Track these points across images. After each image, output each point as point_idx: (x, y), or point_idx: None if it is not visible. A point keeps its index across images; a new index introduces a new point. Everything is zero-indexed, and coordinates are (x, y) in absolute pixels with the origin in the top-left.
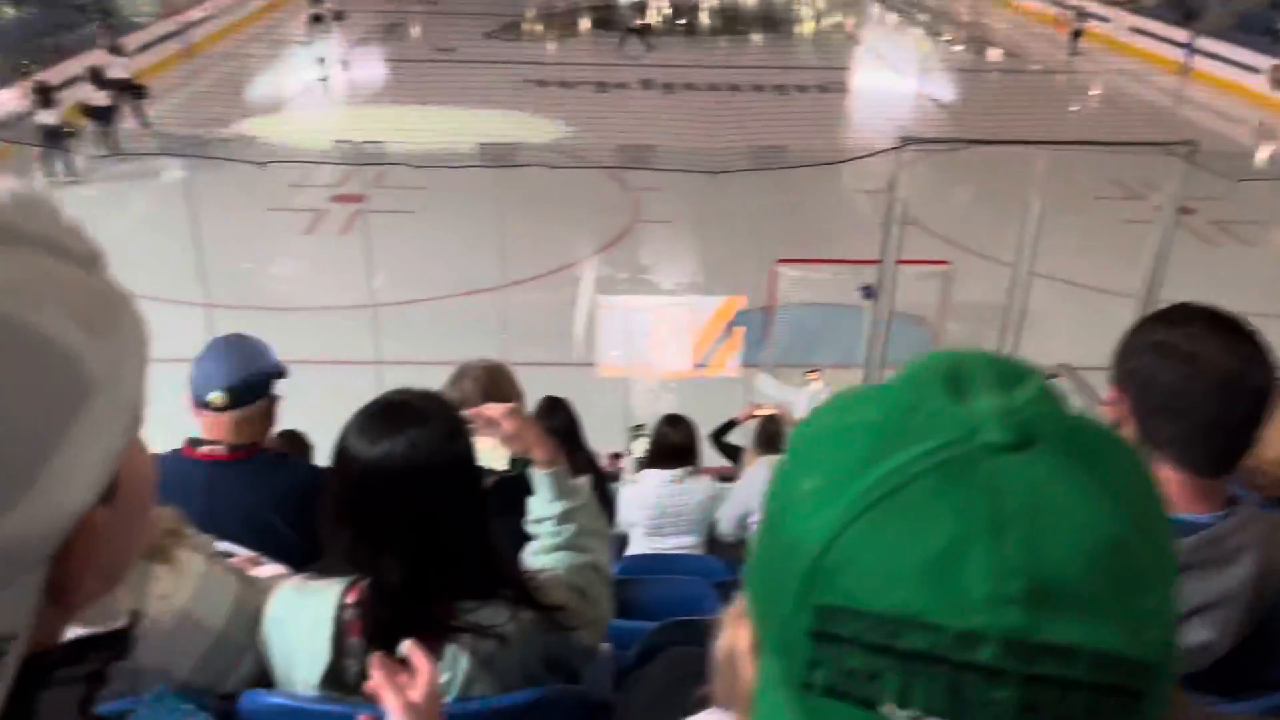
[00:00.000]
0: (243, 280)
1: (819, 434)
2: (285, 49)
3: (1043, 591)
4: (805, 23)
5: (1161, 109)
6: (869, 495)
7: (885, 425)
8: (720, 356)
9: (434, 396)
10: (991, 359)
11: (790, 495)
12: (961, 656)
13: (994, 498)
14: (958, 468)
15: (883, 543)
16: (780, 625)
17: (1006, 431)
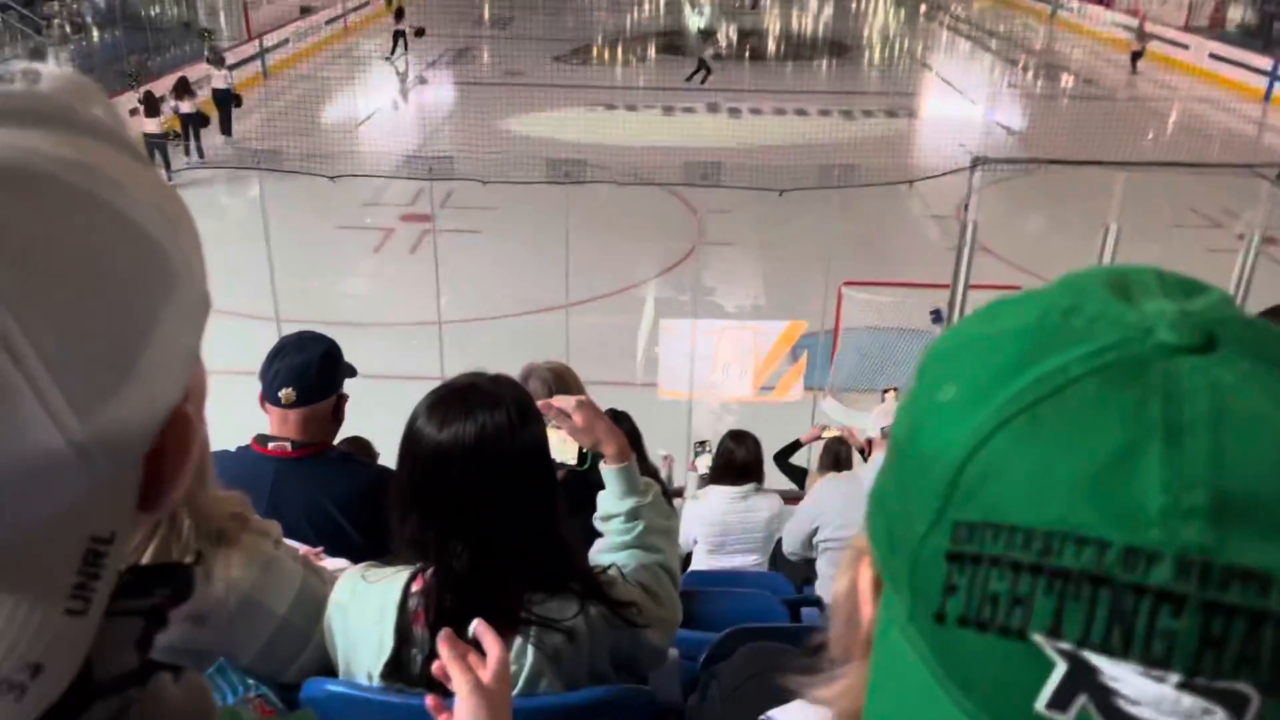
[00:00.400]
0: (312, 296)
1: (959, 343)
2: (361, 70)
3: (1231, 506)
4: (872, 48)
5: (1243, 136)
6: (1021, 399)
7: (1039, 329)
8: (784, 380)
9: (506, 381)
10: (1161, 270)
11: (925, 407)
12: (1130, 577)
13: (1171, 402)
14: (1127, 369)
15: (1037, 450)
16: (912, 551)
17: (1185, 332)
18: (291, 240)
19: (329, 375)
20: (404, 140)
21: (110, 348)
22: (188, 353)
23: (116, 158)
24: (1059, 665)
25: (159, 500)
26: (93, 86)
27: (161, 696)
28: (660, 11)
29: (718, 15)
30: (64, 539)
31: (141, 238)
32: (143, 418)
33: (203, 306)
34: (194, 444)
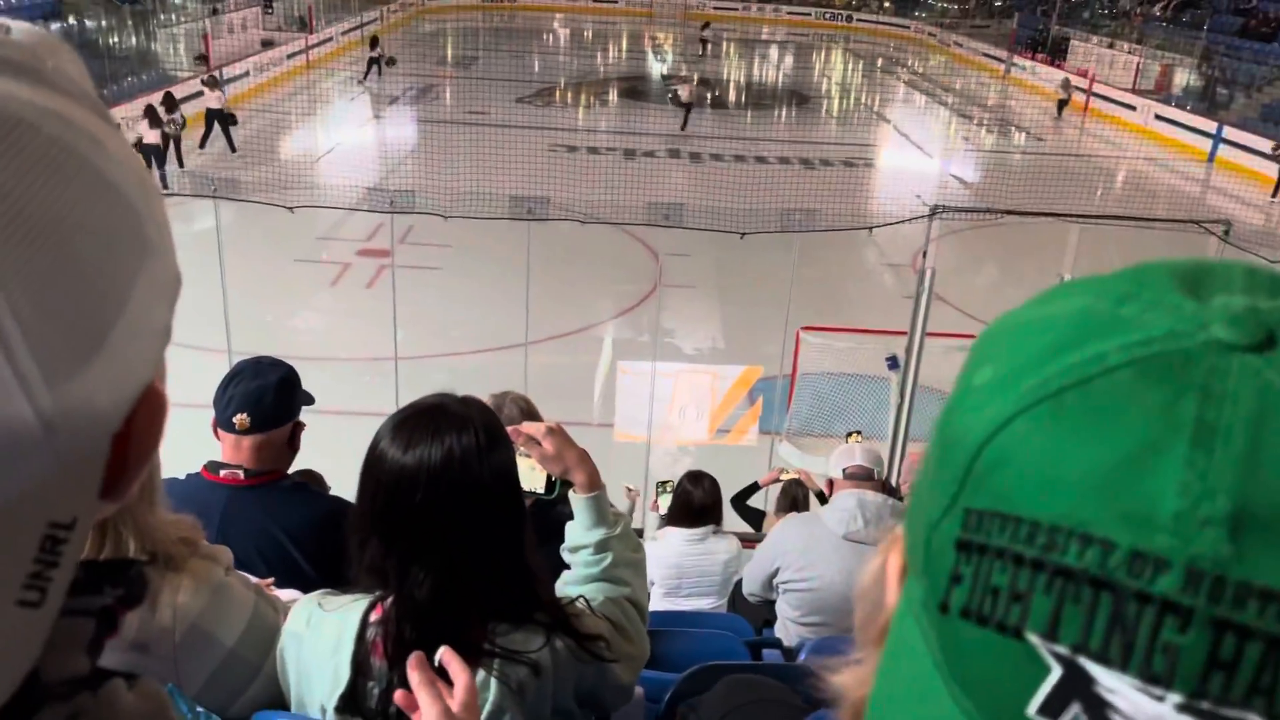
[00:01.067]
0: (266, 329)
1: (1008, 325)
2: (322, 104)
3: (1256, 519)
4: (831, 99)
5: (1188, 194)
6: (1048, 385)
7: (1087, 314)
8: (740, 424)
9: (475, 403)
10: (1254, 268)
11: (961, 390)
12: (1133, 582)
13: (1209, 401)
14: (1169, 362)
15: (1054, 439)
16: (926, 536)
17: (1243, 328)
18: (246, 272)
19: (285, 402)
20: (364, 174)
21: (84, 314)
22: (161, 329)
23: (91, 116)
24: (1054, 670)
25: (122, 486)
26: (65, 45)
27: (116, 704)
28: (623, 56)
29: (679, 62)
30: (21, 523)
31: (119, 201)
32: (113, 393)
33: (175, 283)
34: (164, 424)
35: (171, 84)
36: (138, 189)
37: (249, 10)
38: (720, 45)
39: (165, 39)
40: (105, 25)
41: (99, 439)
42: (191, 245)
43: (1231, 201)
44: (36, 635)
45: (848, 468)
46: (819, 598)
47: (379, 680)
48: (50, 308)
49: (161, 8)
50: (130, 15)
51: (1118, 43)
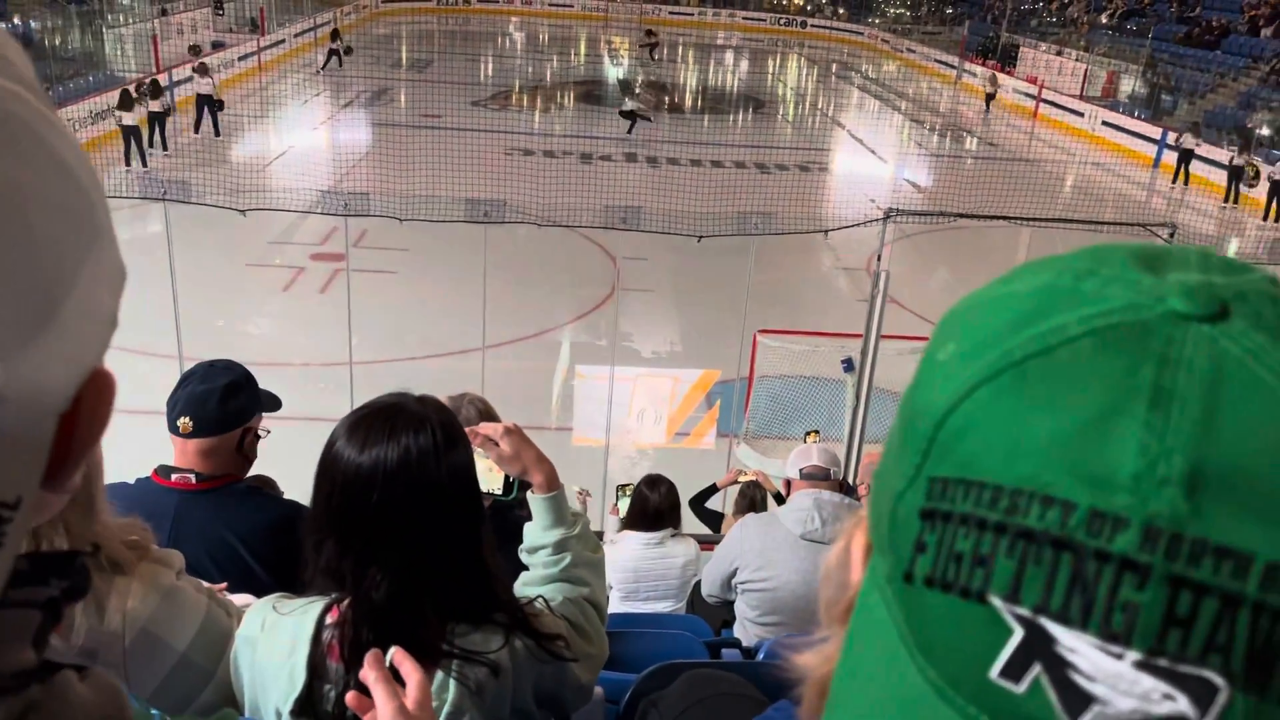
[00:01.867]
0: (217, 334)
1: (971, 304)
2: (274, 107)
3: (1211, 478)
4: (786, 104)
5: (1134, 199)
6: (1010, 355)
7: (1049, 290)
8: (699, 428)
9: (432, 402)
10: (1208, 251)
11: (924, 367)
12: (1093, 542)
13: (1166, 367)
14: (1128, 332)
15: (1016, 406)
16: (890, 508)
17: (1199, 301)
18: (197, 277)
19: (232, 407)
20: (318, 178)
21: (36, 286)
22: (108, 317)
23: (37, 98)
24: (1016, 631)
25: (66, 470)
26: (11, 39)
27: (68, 697)
28: (579, 60)
29: (635, 67)
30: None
31: (72, 182)
32: (63, 370)
33: (120, 274)
34: (111, 408)
35: (118, 85)
36: (89, 175)
37: (198, 11)
38: (663, 48)
39: (113, 40)
40: (51, 26)
41: (46, 416)
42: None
43: (1176, 205)
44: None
45: (804, 468)
46: (777, 597)
47: (335, 683)
48: (3, 276)
49: (109, 8)
50: (77, 16)
51: (1065, 50)
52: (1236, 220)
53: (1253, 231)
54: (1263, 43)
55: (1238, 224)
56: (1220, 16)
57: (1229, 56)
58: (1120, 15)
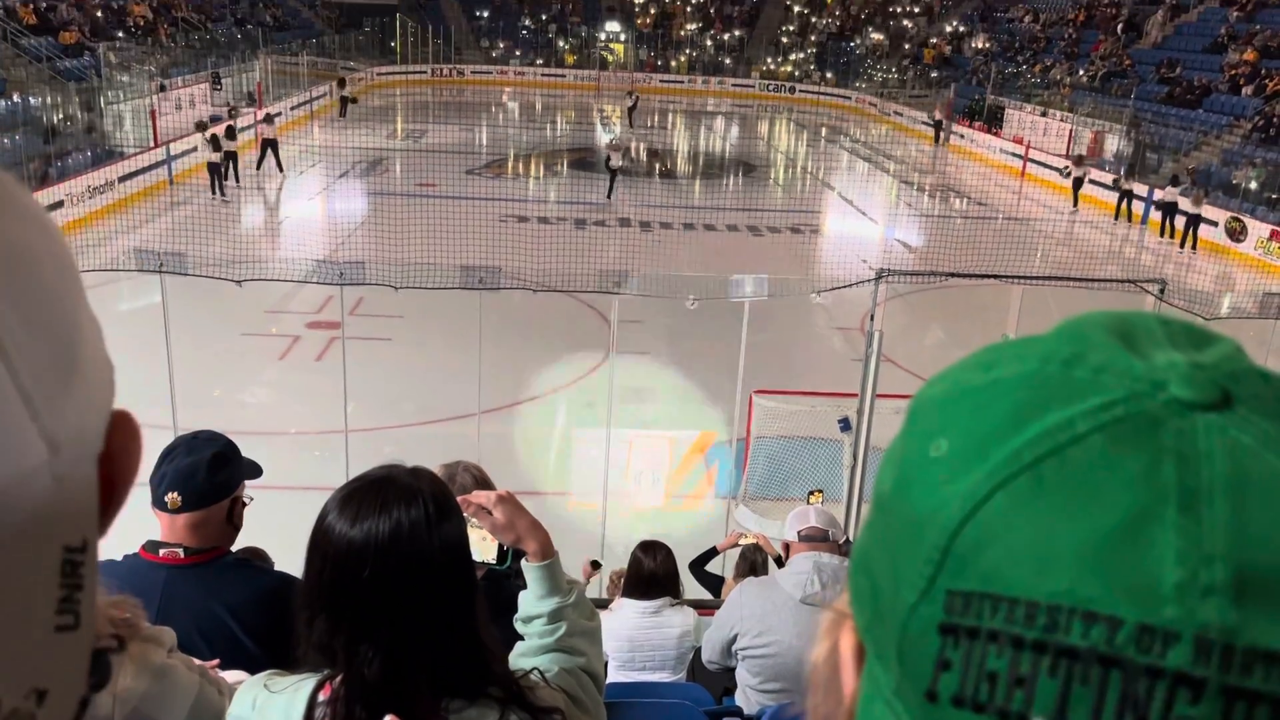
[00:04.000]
0: (213, 404)
1: (952, 392)
2: (269, 178)
3: (1253, 582)
4: (777, 168)
5: (1122, 255)
6: (1021, 457)
7: (1039, 379)
8: (696, 489)
9: (424, 474)
10: (1168, 318)
11: (915, 463)
12: (1143, 658)
13: (1186, 464)
14: (1137, 427)
15: (1039, 514)
16: (901, 621)
17: (1199, 388)
18: (193, 348)
19: (220, 478)
20: (314, 247)
21: (61, 335)
22: (106, 359)
23: None
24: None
25: (116, 504)
26: None
27: None
28: (572, 127)
29: (627, 133)
30: (39, 550)
31: (55, 235)
32: (93, 415)
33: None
34: (141, 446)
35: (119, 159)
36: (58, 230)
37: (197, 86)
38: (644, 113)
39: (112, 115)
40: (50, 102)
41: (90, 459)
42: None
43: (1163, 260)
44: (81, 657)
45: (803, 530)
46: (779, 663)
47: None
48: (37, 327)
49: (108, 84)
50: (76, 92)
51: (1050, 111)
52: (1225, 274)
53: (1242, 286)
54: (1244, 101)
55: (1226, 278)
56: (1201, 76)
57: (1211, 115)
58: (1102, 77)
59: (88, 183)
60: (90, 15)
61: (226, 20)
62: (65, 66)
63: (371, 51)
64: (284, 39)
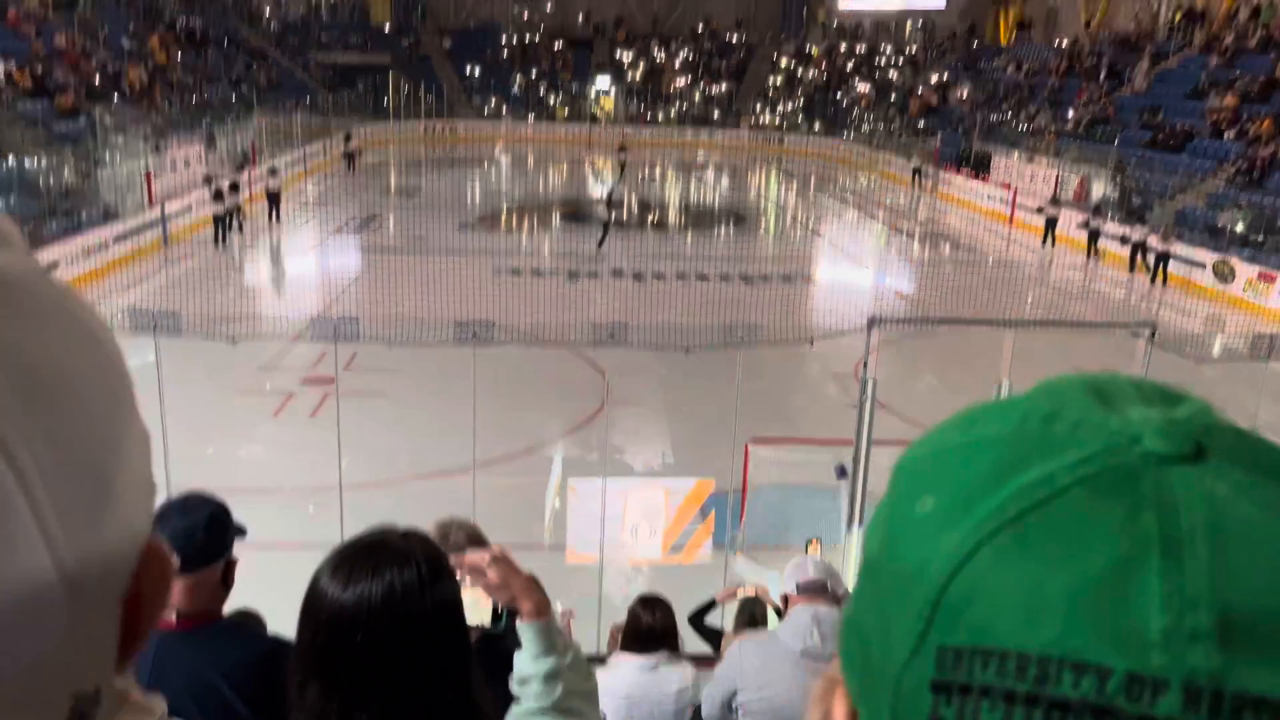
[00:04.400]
0: (207, 462)
1: (935, 451)
2: (263, 237)
3: (1236, 626)
4: (767, 217)
5: (1112, 299)
6: (1005, 511)
7: (1020, 436)
8: (694, 540)
9: (417, 536)
10: (1141, 379)
11: (902, 521)
12: (1133, 707)
13: (1166, 513)
14: (1116, 479)
15: (1026, 567)
16: (893, 680)
17: (1173, 440)
18: (187, 407)
19: (216, 539)
20: (308, 304)
21: (93, 467)
22: (148, 481)
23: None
24: None
25: (136, 645)
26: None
27: None
28: (564, 181)
29: (619, 186)
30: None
31: (105, 354)
32: (123, 549)
33: (146, 437)
34: (170, 581)
35: (114, 220)
36: (111, 342)
37: (192, 147)
38: (637, 166)
39: (107, 177)
40: (45, 165)
41: (113, 598)
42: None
43: (1153, 304)
44: None
45: (801, 582)
46: (780, 718)
47: None
48: (69, 462)
49: (104, 146)
50: (72, 155)
51: (1036, 157)
52: (1215, 316)
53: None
54: (1227, 145)
55: (1216, 320)
56: (1183, 122)
57: (1195, 159)
58: (1086, 123)
59: (82, 244)
60: (86, 79)
61: (221, 82)
62: (61, 130)
63: (365, 109)
64: (278, 99)
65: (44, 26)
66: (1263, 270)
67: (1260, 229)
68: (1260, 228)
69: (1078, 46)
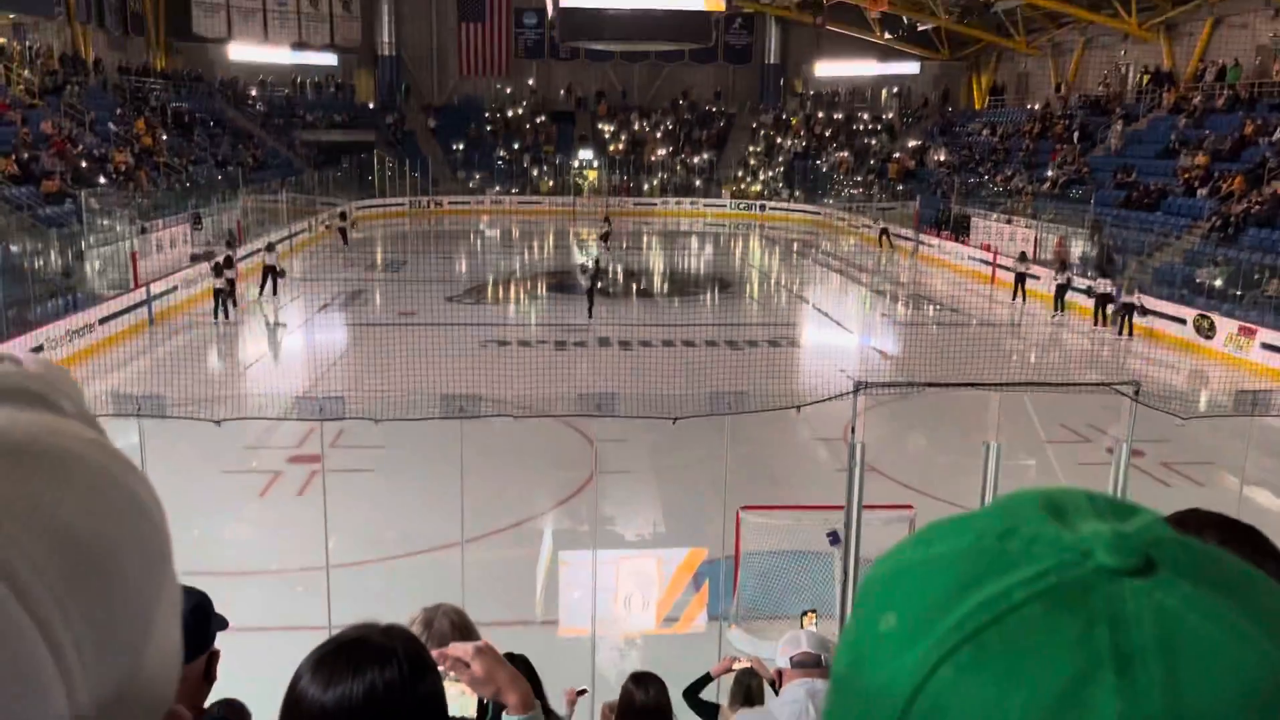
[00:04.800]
0: (191, 544)
1: (896, 570)
2: (250, 314)
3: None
4: (752, 283)
5: (1096, 356)
6: (963, 627)
7: (976, 553)
8: (688, 611)
9: (398, 632)
10: (1092, 493)
11: (866, 639)
12: None
13: (1118, 628)
14: (1069, 594)
15: (985, 682)
16: None
17: (1124, 555)
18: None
19: (198, 633)
20: (294, 382)
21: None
22: (176, 648)
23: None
24: None
25: None
26: (63, 370)
27: None
28: (549, 252)
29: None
30: None
31: (149, 522)
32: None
33: (179, 596)
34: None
35: (100, 302)
36: (156, 507)
37: (177, 228)
38: (625, 236)
39: (92, 259)
40: (30, 249)
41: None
42: None
43: (1136, 360)
44: None
45: (795, 656)
46: None
47: None
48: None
49: (89, 229)
50: (57, 238)
51: (1014, 218)
52: (1198, 371)
53: (1216, 383)
54: (1199, 203)
55: (1200, 375)
56: (1156, 181)
57: (1169, 217)
58: (1062, 184)
59: (66, 327)
60: (72, 164)
61: (207, 162)
62: (46, 214)
63: (350, 186)
64: (263, 178)
65: (30, 114)
66: (1243, 324)
67: (1238, 284)
68: (1238, 282)
69: (1049, 110)
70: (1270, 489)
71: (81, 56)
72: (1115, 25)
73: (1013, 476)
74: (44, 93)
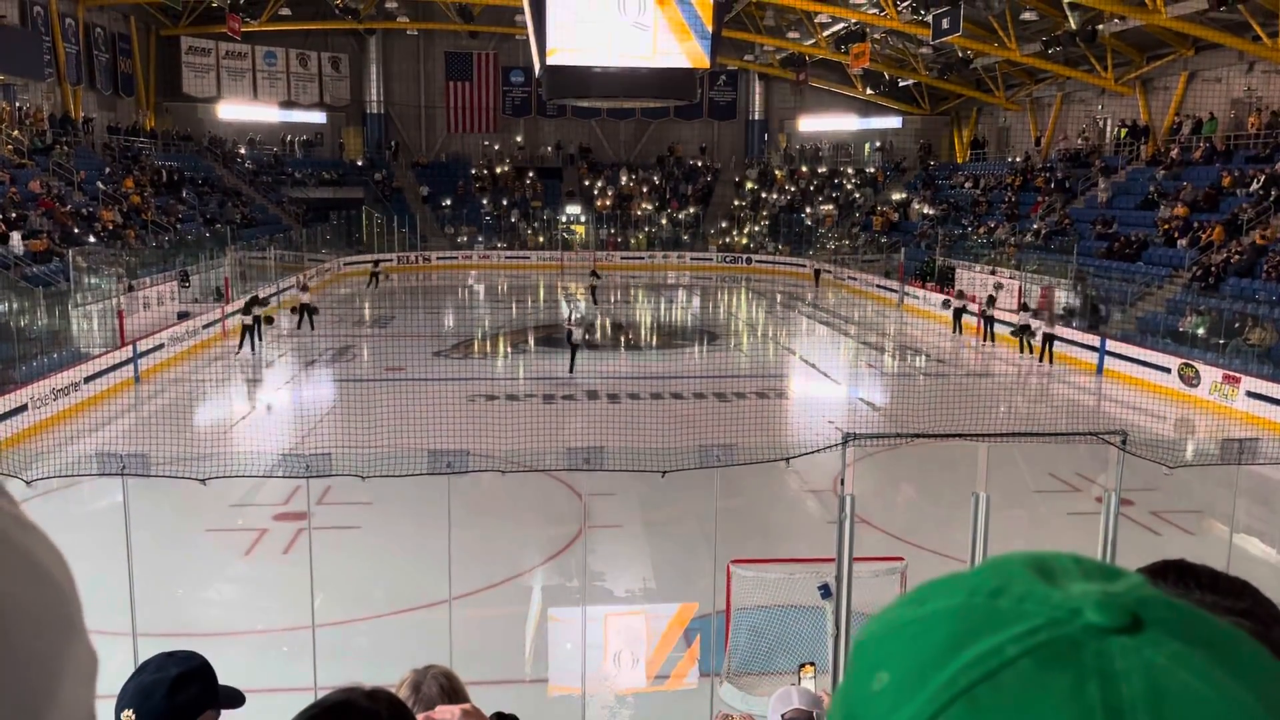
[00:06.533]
0: (174, 605)
1: (888, 628)
2: (237, 371)
3: None
4: (739, 335)
5: (1083, 405)
6: (956, 684)
7: (967, 610)
8: (679, 668)
9: (383, 696)
10: (1079, 556)
11: (860, 699)
12: None
13: (1108, 683)
14: (1060, 649)
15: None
16: None
17: (1112, 613)
18: (156, 547)
19: (181, 700)
20: (279, 439)
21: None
22: (86, 712)
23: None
24: None
25: None
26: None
27: None
28: (537, 307)
29: (591, 310)
30: None
31: (48, 584)
32: None
33: (93, 661)
34: None
35: (85, 360)
36: (60, 568)
37: (164, 286)
38: (612, 289)
39: (79, 317)
40: (15, 308)
41: None
42: (100, 523)
43: (1122, 408)
44: None
45: (786, 713)
46: None
47: None
48: None
49: (76, 288)
50: (44, 297)
51: (998, 270)
52: (1184, 419)
53: (1202, 431)
54: (1180, 252)
55: (1186, 423)
56: (1137, 231)
57: (1150, 267)
58: (1044, 235)
59: (51, 385)
60: (60, 223)
61: (196, 220)
62: (33, 272)
63: (338, 242)
64: (252, 235)
65: (19, 173)
66: (1227, 373)
67: (1220, 332)
68: (1220, 331)
69: (1030, 162)
70: (1259, 536)
71: (71, 117)
72: (1092, 80)
73: (1002, 527)
74: (33, 152)
